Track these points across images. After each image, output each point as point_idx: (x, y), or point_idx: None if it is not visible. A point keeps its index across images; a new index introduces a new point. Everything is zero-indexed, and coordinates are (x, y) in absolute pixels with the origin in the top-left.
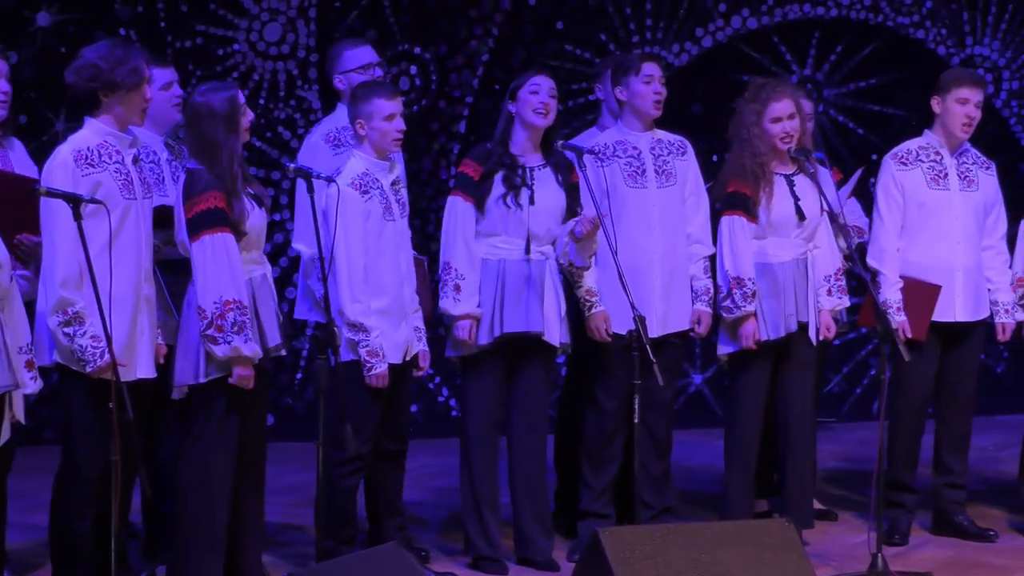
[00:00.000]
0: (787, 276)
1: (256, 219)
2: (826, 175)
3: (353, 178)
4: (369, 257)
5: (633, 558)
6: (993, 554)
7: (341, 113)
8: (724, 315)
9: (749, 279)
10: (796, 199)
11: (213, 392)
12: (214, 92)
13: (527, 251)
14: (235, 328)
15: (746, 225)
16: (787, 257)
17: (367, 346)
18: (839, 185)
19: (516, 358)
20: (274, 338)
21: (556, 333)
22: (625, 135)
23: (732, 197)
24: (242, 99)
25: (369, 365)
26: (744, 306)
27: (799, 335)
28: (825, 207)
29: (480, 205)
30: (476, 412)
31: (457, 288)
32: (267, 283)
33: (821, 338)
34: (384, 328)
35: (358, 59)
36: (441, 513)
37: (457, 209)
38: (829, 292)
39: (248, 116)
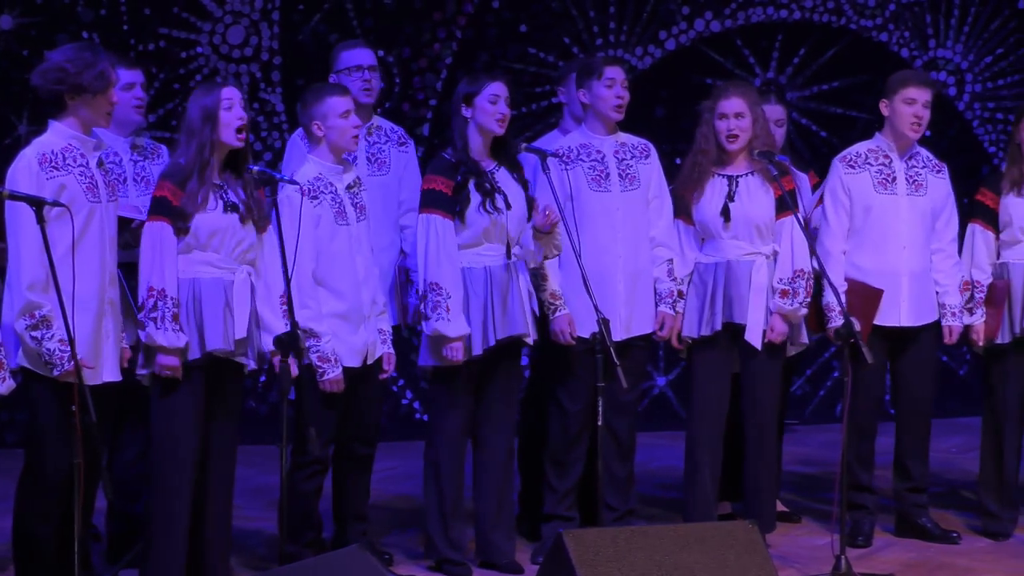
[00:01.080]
0: (717, 277)
1: (215, 224)
2: (803, 180)
3: (303, 183)
4: (321, 262)
5: (597, 560)
6: (956, 556)
7: None
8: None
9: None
10: (729, 200)
11: (156, 388)
12: (200, 89)
13: (508, 255)
14: (155, 315)
15: (684, 228)
16: (720, 259)
17: (318, 351)
18: (815, 188)
19: (490, 362)
20: (214, 342)
21: (532, 331)
22: (589, 138)
23: (673, 200)
24: (229, 94)
25: (321, 370)
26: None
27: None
28: (791, 211)
29: (460, 218)
30: (447, 418)
31: (448, 309)
32: (222, 289)
33: (766, 340)
34: (340, 332)
35: (350, 60)
36: (405, 516)
37: (436, 227)
38: (783, 295)
39: (236, 113)
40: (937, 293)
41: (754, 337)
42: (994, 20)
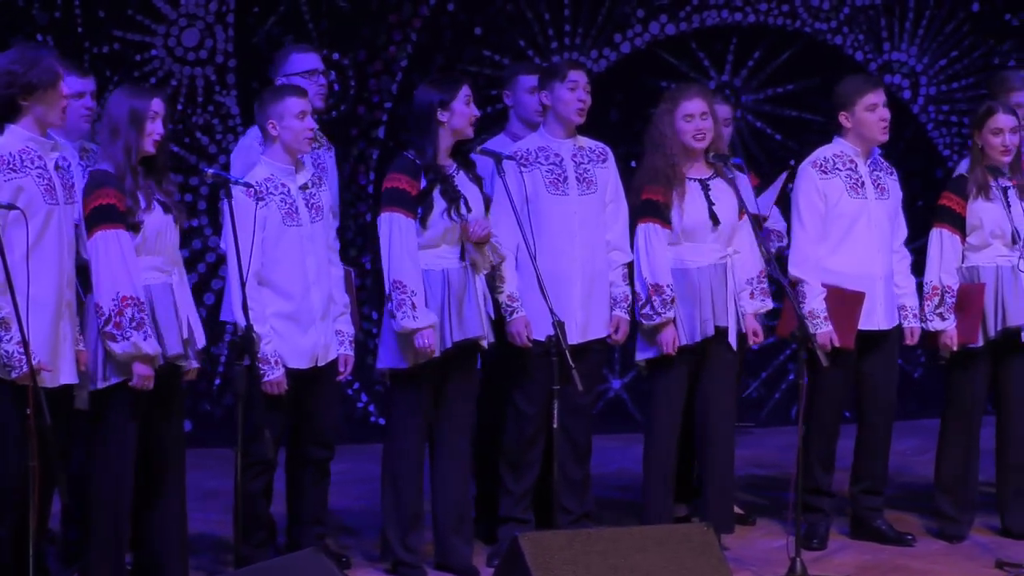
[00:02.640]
0: (704, 281)
1: (158, 224)
2: (744, 180)
3: (252, 184)
4: (267, 263)
5: (552, 563)
6: (911, 558)
7: None
8: (644, 322)
9: (667, 286)
10: (711, 204)
11: (113, 396)
12: (128, 90)
13: (462, 257)
14: (134, 324)
15: (661, 232)
16: (704, 262)
17: (259, 353)
18: (758, 191)
19: (447, 365)
20: (173, 347)
21: (488, 334)
22: (547, 141)
23: (646, 204)
24: (158, 107)
25: (262, 371)
26: (664, 313)
27: (718, 340)
28: (747, 211)
29: (423, 221)
30: (406, 421)
31: (414, 306)
32: (170, 292)
33: (750, 343)
34: (286, 334)
35: (304, 64)
36: (360, 519)
37: (400, 226)
38: (752, 296)
39: (158, 127)
40: (898, 295)
41: (733, 339)
42: (948, 23)
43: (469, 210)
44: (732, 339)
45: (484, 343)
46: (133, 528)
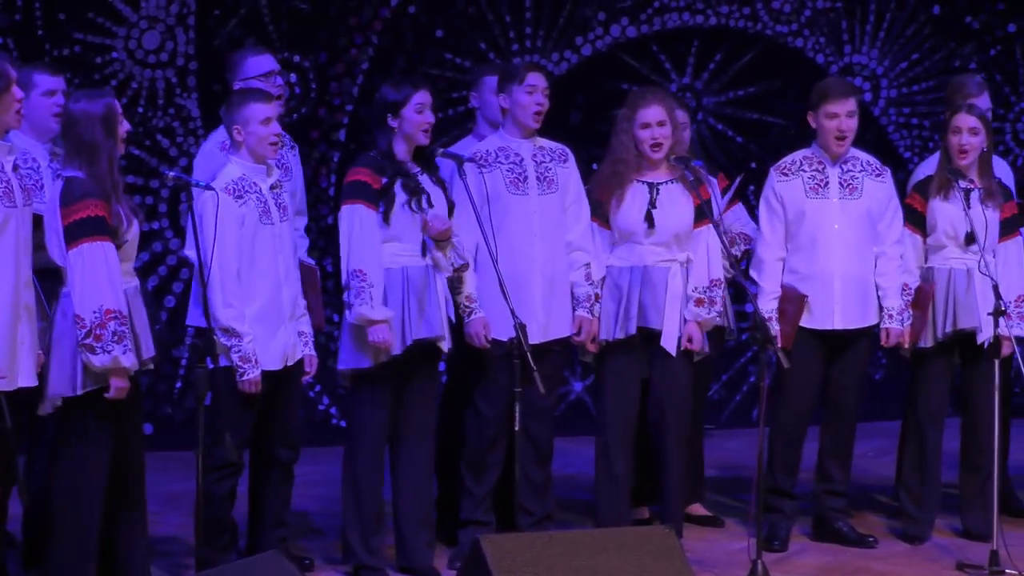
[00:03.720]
0: (633, 282)
1: (135, 232)
2: (713, 185)
3: (228, 183)
4: (243, 262)
5: (514, 566)
6: (872, 559)
7: None
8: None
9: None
10: (652, 207)
11: (87, 405)
12: (90, 97)
13: (423, 254)
14: (115, 338)
15: (598, 231)
16: (637, 263)
17: (239, 351)
18: (725, 192)
19: (408, 366)
20: (148, 350)
21: (447, 338)
22: (507, 142)
23: (591, 204)
24: (119, 108)
25: (241, 371)
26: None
27: (658, 343)
28: (710, 219)
29: (385, 215)
30: (366, 423)
31: (372, 296)
32: (139, 295)
33: (683, 348)
34: (259, 334)
35: (260, 67)
36: (322, 521)
37: (361, 216)
38: (699, 303)
39: (124, 126)
40: (879, 296)
41: (669, 343)
42: (909, 26)
43: (431, 206)
44: (668, 343)
45: (443, 345)
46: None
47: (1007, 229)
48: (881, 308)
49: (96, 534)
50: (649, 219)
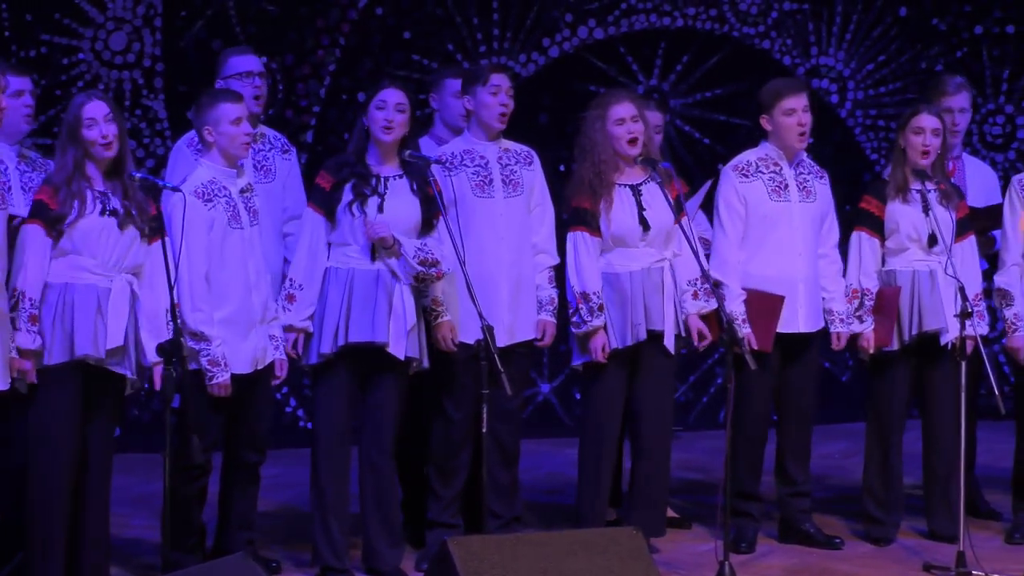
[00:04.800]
0: (635, 286)
1: (91, 226)
2: (678, 186)
3: (197, 186)
4: (212, 266)
5: (482, 568)
6: (838, 561)
7: None
8: (573, 330)
9: (594, 293)
10: (641, 209)
11: (31, 393)
12: (75, 99)
13: (372, 258)
14: (25, 317)
15: (590, 240)
16: (636, 267)
17: (208, 355)
18: (686, 197)
19: (368, 370)
20: (83, 348)
21: (402, 346)
22: (472, 144)
23: (575, 213)
24: (90, 113)
25: (210, 374)
26: (591, 321)
27: (654, 344)
28: (685, 214)
29: (331, 215)
30: (325, 422)
31: (290, 298)
32: (95, 295)
33: (696, 344)
34: (228, 337)
35: (241, 66)
36: (290, 524)
37: (306, 220)
38: (695, 296)
39: (98, 132)
40: (823, 299)
41: (670, 343)
42: (876, 28)
43: (380, 211)
44: (669, 343)
45: (397, 353)
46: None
47: (961, 229)
48: (828, 311)
49: (60, 523)
50: (643, 222)
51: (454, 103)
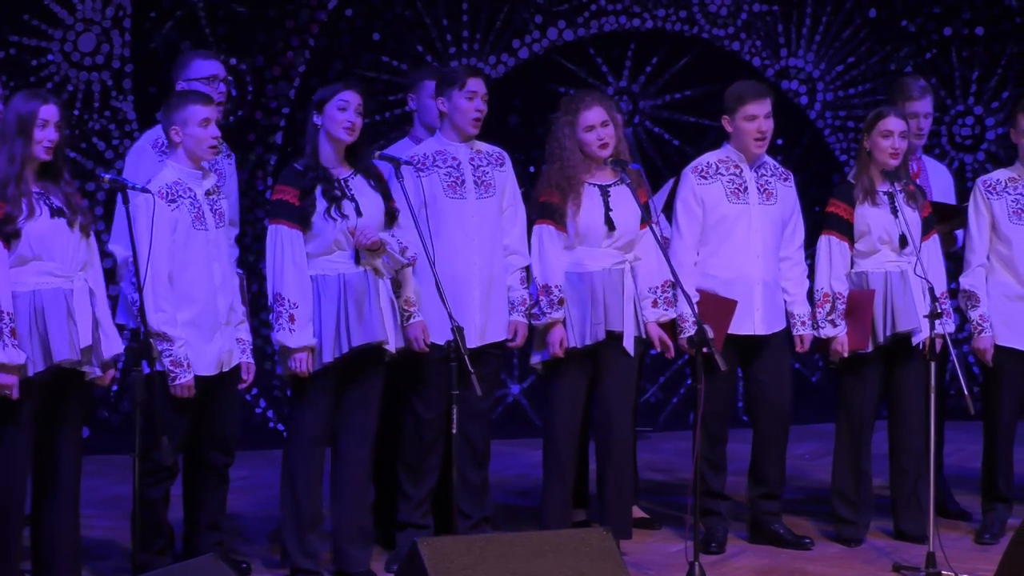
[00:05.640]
0: (597, 285)
1: (44, 229)
2: (648, 190)
3: (161, 187)
4: (176, 267)
5: (451, 568)
6: (808, 561)
7: None
8: (533, 322)
9: (556, 287)
10: (608, 209)
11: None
12: (20, 96)
13: (357, 261)
14: (5, 334)
15: (554, 233)
16: (598, 266)
17: (171, 356)
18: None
19: (350, 370)
20: (61, 353)
21: (394, 340)
22: (444, 145)
23: (542, 207)
24: (47, 114)
25: (173, 375)
26: (550, 313)
27: (615, 345)
28: (650, 221)
29: (307, 226)
30: (305, 426)
31: (292, 319)
32: (63, 298)
33: (658, 350)
34: (193, 339)
35: (205, 69)
36: (259, 525)
37: (282, 237)
38: (655, 304)
39: (48, 135)
40: (785, 302)
41: (629, 344)
42: (845, 29)
43: (360, 214)
44: (629, 344)
45: (391, 348)
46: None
47: (926, 228)
48: (791, 314)
49: (16, 531)
50: (609, 222)
51: (433, 104)
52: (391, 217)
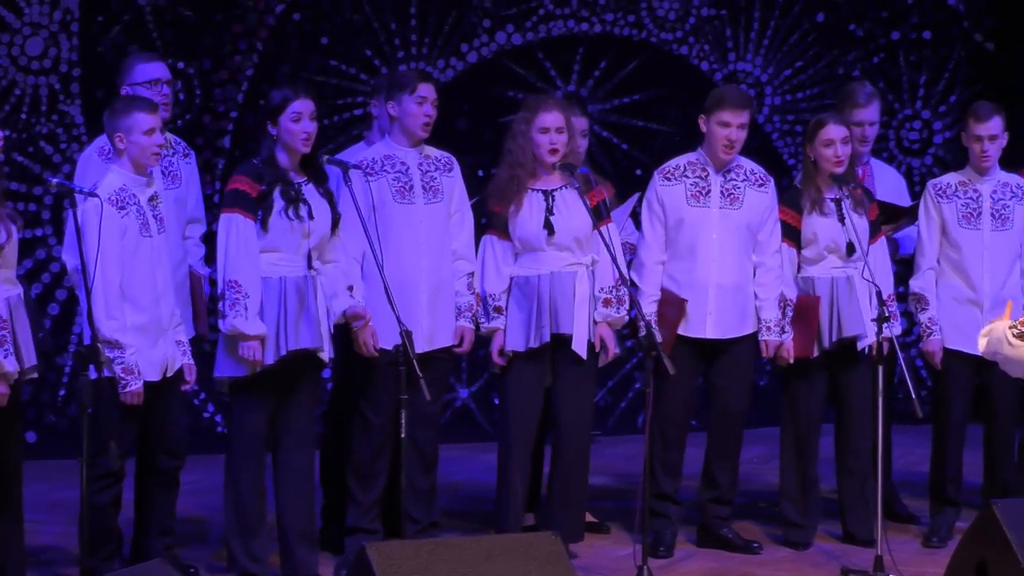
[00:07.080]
0: (544, 289)
1: (14, 237)
2: (605, 192)
3: (110, 193)
4: (125, 274)
5: (400, 573)
6: (757, 566)
7: None
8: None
9: (491, 296)
10: (549, 214)
11: None
12: None
13: (309, 266)
14: None
15: (497, 243)
16: (543, 270)
17: (122, 363)
18: (613, 202)
19: (287, 375)
20: (30, 359)
21: (327, 348)
22: (393, 150)
23: (488, 216)
24: None
25: (124, 382)
26: (486, 323)
27: (566, 350)
28: (605, 221)
29: (263, 222)
30: (246, 430)
31: (247, 308)
32: (22, 304)
33: (597, 350)
34: (139, 345)
35: (148, 73)
36: (207, 529)
37: (238, 226)
38: (607, 304)
39: None
40: (757, 307)
41: (580, 347)
42: (793, 33)
43: (312, 217)
44: (579, 347)
45: (323, 356)
46: None
47: (873, 231)
48: (759, 319)
49: None
50: (548, 226)
51: None
52: (336, 224)
